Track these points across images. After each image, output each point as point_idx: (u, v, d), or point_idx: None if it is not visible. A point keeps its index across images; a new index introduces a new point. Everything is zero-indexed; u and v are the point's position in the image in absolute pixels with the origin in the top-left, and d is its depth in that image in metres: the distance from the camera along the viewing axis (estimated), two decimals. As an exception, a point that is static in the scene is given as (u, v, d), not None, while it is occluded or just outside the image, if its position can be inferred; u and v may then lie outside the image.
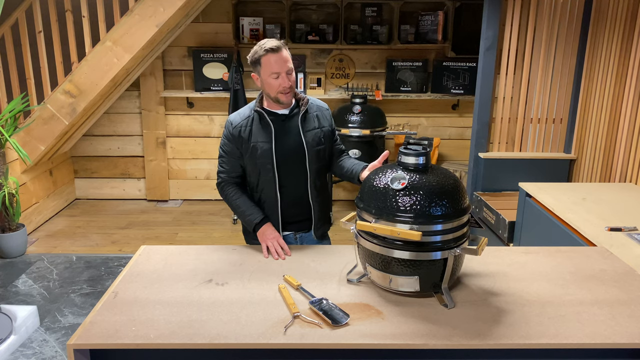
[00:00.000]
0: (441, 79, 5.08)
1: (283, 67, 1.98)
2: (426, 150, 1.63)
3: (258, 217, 2.08)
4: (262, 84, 2.05)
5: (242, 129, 2.08)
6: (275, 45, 1.97)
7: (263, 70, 2.00)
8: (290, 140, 2.09)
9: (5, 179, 3.90)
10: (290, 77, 2.02)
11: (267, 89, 2.04)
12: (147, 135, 5.26)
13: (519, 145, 3.95)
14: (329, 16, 5.05)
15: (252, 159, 2.09)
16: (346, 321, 1.50)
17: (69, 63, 4.32)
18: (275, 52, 1.96)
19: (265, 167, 2.08)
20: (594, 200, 2.84)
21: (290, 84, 2.02)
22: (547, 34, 3.74)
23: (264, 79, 2.02)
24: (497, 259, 1.93)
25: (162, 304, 1.60)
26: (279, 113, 2.10)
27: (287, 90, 2.02)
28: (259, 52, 1.99)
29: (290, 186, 2.12)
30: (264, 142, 2.07)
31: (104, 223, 4.86)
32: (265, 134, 2.07)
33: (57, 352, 2.85)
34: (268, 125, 2.07)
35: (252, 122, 2.09)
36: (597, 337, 1.44)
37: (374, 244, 1.61)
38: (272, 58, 1.97)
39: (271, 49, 1.96)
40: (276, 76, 1.99)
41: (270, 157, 2.06)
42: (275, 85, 2.00)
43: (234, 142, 2.10)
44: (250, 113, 2.11)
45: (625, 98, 3.27)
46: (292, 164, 2.10)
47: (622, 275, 1.81)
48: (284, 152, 2.08)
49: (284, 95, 2.03)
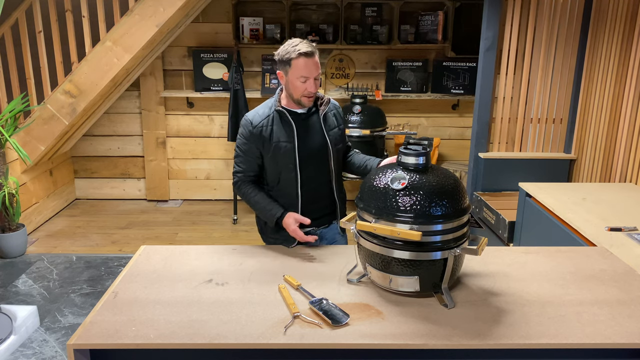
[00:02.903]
0: (441, 79, 5.08)
1: (312, 73, 1.98)
2: (426, 150, 1.63)
3: (279, 211, 2.07)
4: (286, 83, 2.04)
5: (263, 128, 2.08)
6: (309, 50, 1.96)
7: (292, 71, 1.99)
8: (312, 139, 2.10)
9: (5, 179, 3.90)
10: (317, 83, 2.02)
11: (291, 89, 2.04)
12: (147, 135, 5.26)
13: (519, 145, 3.95)
14: (329, 16, 5.05)
15: (274, 158, 2.09)
16: (346, 321, 1.50)
17: (69, 63, 4.32)
18: (308, 57, 1.96)
19: (287, 166, 2.08)
20: (594, 200, 2.84)
21: (315, 90, 2.03)
22: (547, 34, 3.74)
23: (290, 80, 2.01)
24: (497, 259, 1.93)
25: (162, 304, 1.60)
26: (298, 112, 2.10)
27: (311, 95, 2.03)
28: (291, 54, 1.96)
29: (311, 184, 2.12)
30: (286, 141, 2.06)
31: (104, 223, 4.86)
32: (287, 133, 2.07)
33: (57, 352, 2.85)
34: (289, 124, 2.07)
35: (273, 121, 2.09)
36: (597, 337, 1.44)
37: (374, 244, 1.61)
38: (304, 62, 1.96)
39: (305, 53, 1.95)
40: (304, 80, 1.99)
41: (293, 156, 2.06)
42: (301, 89, 2.00)
43: (253, 142, 2.09)
44: (270, 112, 2.10)
45: (625, 98, 3.27)
46: (314, 162, 2.11)
47: (622, 275, 1.81)
48: (307, 151, 2.08)
49: (307, 99, 2.04)
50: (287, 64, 1.99)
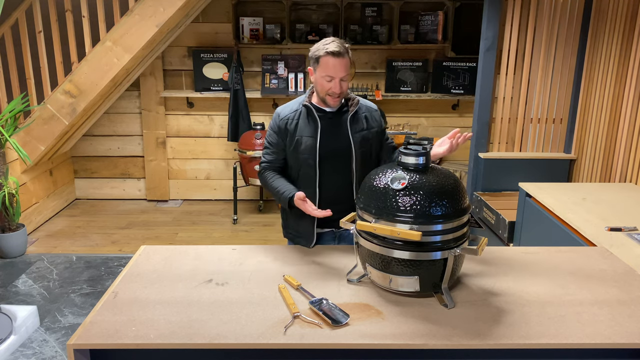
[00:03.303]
0: (441, 79, 5.08)
1: (338, 73, 1.97)
2: (426, 150, 1.63)
3: (291, 192, 2.04)
4: (314, 81, 2.05)
5: (288, 121, 2.09)
6: (338, 49, 1.95)
7: (319, 69, 1.99)
8: (336, 138, 2.09)
9: (5, 179, 3.90)
10: (343, 85, 2.01)
11: (318, 87, 2.05)
12: (147, 135, 5.26)
13: (519, 145, 3.95)
14: (329, 16, 5.05)
15: (295, 152, 2.10)
16: (346, 321, 1.50)
17: (69, 63, 4.32)
18: (336, 57, 1.95)
19: (307, 162, 2.08)
20: (594, 200, 2.84)
21: (341, 91, 2.01)
22: (547, 34, 3.74)
23: (317, 78, 2.02)
24: (497, 259, 1.93)
25: (162, 304, 1.60)
26: (326, 110, 2.10)
27: (336, 95, 2.02)
28: (320, 52, 1.97)
29: (330, 183, 2.11)
30: (308, 136, 2.07)
31: (104, 223, 4.86)
32: (311, 129, 2.07)
33: (57, 352, 2.85)
34: (315, 120, 2.08)
35: (300, 115, 2.10)
36: (597, 337, 1.44)
37: (374, 244, 1.61)
38: (331, 61, 1.95)
39: (332, 52, 1.94)
40: (329, 79, 1.98)
41: (314, 152, 2.06)
42: (326, 88, 2.01)
43: (279, 134, 2.11)
44: (298, 107, 2.11)
45: (625, 98, 3.27)
46: (335, 162, 2.09)
47: (622, 275, 1.81)
48: (328, 150, 2.07)
49: (332, 99, 2.04)
50: (316, 61, 2.00)
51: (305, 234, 2.12)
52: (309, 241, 2.11)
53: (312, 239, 2.10)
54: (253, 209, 5.22)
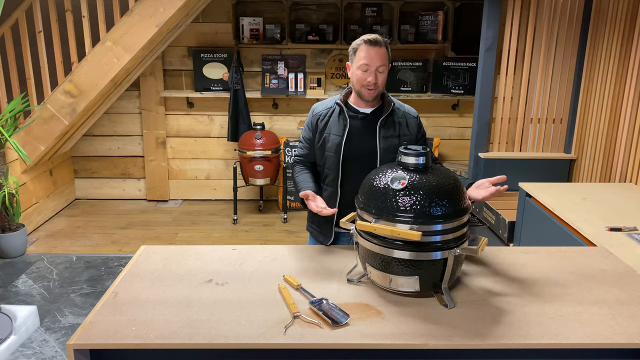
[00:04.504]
0: (441, 79, 5.08)
1: (374, 62, 1.95)
2: (426, 150, 1.63)
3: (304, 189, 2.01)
4: (351, 75, 2.04)
5: (320, 117, 2.11)
6: (375, 38, 1.95)
7: (356, 59, 1.99)
8: (363, 140, 2.06)
9: (5, 179, 3.90)
10: (379, 76, 1.98)
11: (354, 79, 2.02)
12: (147, 135, 5.26)
13: (519, 145, 3.95)
14: (329, 16, 5.05)
15: (321, 149, 2.10)
16: (346, 321, 1.50)
17: (69, 63, 4.32)
18: (372, 45, 1.94)
19: (332, 160, 2.07)
20: (594, 200, 2.84)
21: (376, 81, 1.98)
22: (547, 34, 3.74)
23: (353, 70, 2.01)
24: (497, 259, 1.93)
25: (162, 304, 1.60)
26: (360, 110, 2.08)
27: (371, 85, 1.98)
28: (358, 42, 1.98)
29: (352, 185, 2.03)
30: (336, 135, 2.06)
31: (104, 223, 4.86)
32: (339, 127, 2.07)
33: (57, 352, 2.85)
34: (345, 119, 2.07)
35: (332, 113, 2.10)
36: (597, 337, 1.44)
37: (374, 244, 1.61)
38: (367, 50, 1.94)
39: (369, 40, 1.94)
40: (365, 68, 1.96)
41: (339, 151, 2.05)
42: (362, 78, 1.98)
43: (311, 130, 2.13)
44: (332, 104, 2.11)
45: (625, 98, 3.27)
46: (360, 164, 2.04)
47: (622, 275, 1.81)
48: (354, 150, 2.05)
49: (367, 90, 2.00)
50: (353, 53, 2.00)
51: (324, 231, 2.13)
52: (327, 239, 2.12)
53: (330, 236, 2.11)
54: (253, 209, 5.22)
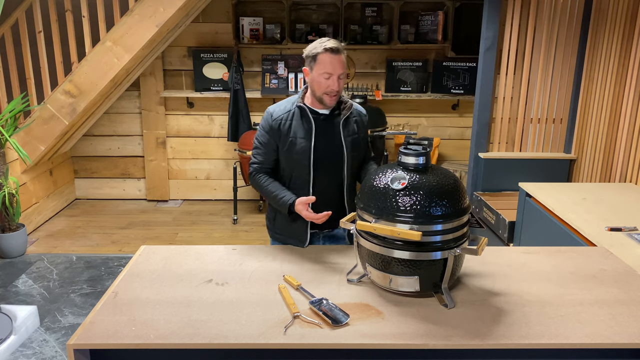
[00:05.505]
0: (441, 79, 5.08)
1: (337, 70, 1.98)
2: (426, 150, 1.63)
3: (291, 197, 2.05)
4: (311, 80, 2.04)
5: (282, 122, 2.08)
6: (335, 46, 1.96)
7: (317, 67, 1.99)
8: (329, 140, 2.09)
9: (5, 179, 3.90)
10: (340, 82, 2.01)
11: (315, 86, 2.03)
12: (147, 135, 5.26)
13: (519, 145, 3.95)
14: (329, 16, 5.05)
15: (289, 154, 2.09)
16: (346, 321, 1.50)
17: (69, 63, 4.32)
18: (334, 53, 1.96)
19: (301, 164, 2.08)
20: (594, 200, 2.84)
21: (339, 89, 2.02)
22: (547, 34, 3.74)
23: (314, 76, 2.02)
24: (497, 259, 1.93)
25: (162, 304, 1.60)
26: (319, 112, 2.10)
27: (333, 92, 2.02)
28: (317, 49, 1.98)
29: (322, 185, 2.11)
30: (302, 138, 2.06)
31: (104, 223, 4.86)
32: (305, 130, 2.07)
33: (57, 352, 2.85)
34: (309, 122, 2.07)
35: (293, 116, 2.09)
36: (597, 337, 1.44)
37: (374, 244, 1.61)
38: (329, 58, 1.96)
39: (331, 49, 1.96)
40: (327, 76, 1.98)
41: (308, 154, 2.06)
42: (324, 86, 2.00)
43: (271, 135, 2.10)
44: (291, 107, 2.10)
45: (625, 98, 3.27)
46: (328, 165, 2.09)
47: (622, 275, 1.81)
48: (322, 152, 2.07)
49: (329, 97, 2.03)
50: (313, 60, 2.00)
51: (297, 235, 2.13)
52: (301, 242, 2.12)
53: (305, 240, 2.11)
54: (253, 209, 5.22)
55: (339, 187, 2.14)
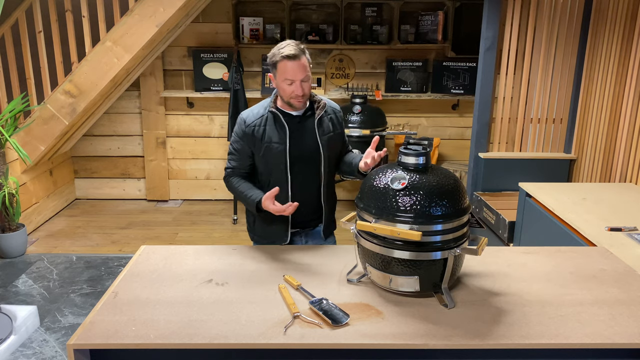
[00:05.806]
0: (441, 79, 5.08)
1: (298, 75, 1.97)
2: (426, 150, 1.63)
3: (259, 195, 2.04)
4: (276, 86, 2.05)
5: (255, 128, 2.08)
6: (292, 52, 1.94)
7: (278, 74, 1.99)
8: (305, 142, 2.09)
9: (5, 179, 3.90)
10: (305, 85, 2.00)
11: (280, 92, 2.04)
12: (147, 135, 5.26)
13: (519, 145, 3.95)
14: (329, 16, 5.05)
15: (265, 158, 2.09)
16: (346, 321, 1.50)
17: (69, 63, 4.32)
18: (292, 60, 1.94)
19: (278, 168, 2.08)
20: (594, 200, 2.84)
21: (304, 92, 2.01)
22: (547, 34, 3.74)
23: (278, 83, 2.02)
24: (497, 259, 1.93)
25: (162, 304, 1.60)
26: (292, 114, 2.10)
27: (299, 97, 2.01)
28: (276, 57, 1.97)
29: (300, 186, 2.12)
30: (277, 143, 2.06)
31: (104, 223, 4.86)
32: (279, 134, 2.06)
33: (57, 352, 2.85)
34: (283, 126, 2.07)
35: (266, 121, 2.08)
36: (597, 337, 1.44)
37: (374, 244, 1.61)
38: (288, 65, 1.95)
39: (288, 56, 1.94)
40: (290, 83, 1.98)
41: (284, 158, 2.06)
42: (288, 92, 2.00)
43: (245, 141, 2.09)
44: (264, 112, 2.10)
45: (625, 98, 3.27)
46: (305, 166, 2.10)
47: (622, 275, 1.81)
48: (298, 154, 2.08)
49: (297, 101, 2.03)
50: (273, 67, 2.00)
51: (277, 235, 2.14)
52: (281, 240, 2.13)
53: (285, 240, 2.12)
54: (253, 209, 5.22)
55: (317, 186, 2.15)
